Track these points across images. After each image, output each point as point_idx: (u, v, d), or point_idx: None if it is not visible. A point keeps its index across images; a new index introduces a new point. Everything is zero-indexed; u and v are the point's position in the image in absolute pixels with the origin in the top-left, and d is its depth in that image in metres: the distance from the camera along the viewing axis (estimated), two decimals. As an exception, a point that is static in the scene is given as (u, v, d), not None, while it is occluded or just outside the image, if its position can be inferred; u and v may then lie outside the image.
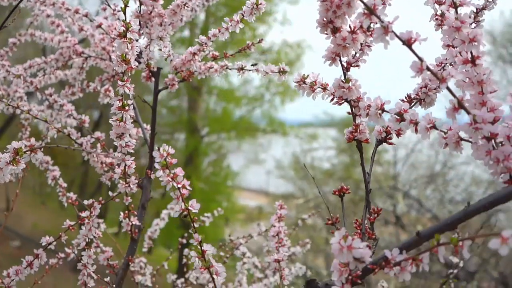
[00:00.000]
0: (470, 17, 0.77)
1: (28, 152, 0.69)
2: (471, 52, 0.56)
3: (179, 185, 0.65)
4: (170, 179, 0.65)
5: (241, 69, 0.99)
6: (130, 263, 1.03)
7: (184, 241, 1.53)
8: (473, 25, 0.76)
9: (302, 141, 11.28)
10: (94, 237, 1.01)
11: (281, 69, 0.89)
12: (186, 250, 1.23)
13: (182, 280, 1.43)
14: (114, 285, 0.98)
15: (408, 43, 0.53)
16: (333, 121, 10.91)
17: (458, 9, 0.58)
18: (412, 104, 0.72)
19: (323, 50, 0.63)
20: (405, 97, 0.72)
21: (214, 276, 0.68)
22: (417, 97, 0.72)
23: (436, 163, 7.84)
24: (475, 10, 0.76)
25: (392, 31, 0.52)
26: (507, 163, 0.52)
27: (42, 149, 0.73)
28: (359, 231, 0.67)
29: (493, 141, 0.55)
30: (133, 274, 1.35)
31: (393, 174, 6.54)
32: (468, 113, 0.53)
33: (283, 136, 11.29)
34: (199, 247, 0.68)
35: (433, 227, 0.54)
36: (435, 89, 0.71)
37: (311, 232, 7.48)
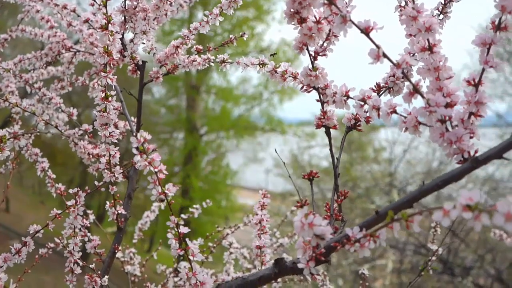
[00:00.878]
0: (437, 8, 0.80)
1: (12, 139, 0.72)
2: (428, 40, 0.59)
3: (156, 170, 0.68)
4: (147, 164, 0.68)
5: (222, 62, 1.02)
6: (116, 251, 1.06)
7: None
8: (441, 16, 0.79)
9: (301, 140, 11.33)
10: (82, 225, 1.05)
11: (261, 62, 0.92)
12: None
13: (171, 269, 1.46)
14: (100, 272, 1.01)
15: (366, 31, 0.56)
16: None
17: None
18: (381, 92, 0.75)
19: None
20: (374, 86, 0.75)
21: (190, 257, 0.71)
22: (386, 85, 0.75)
23: (434, 160, 7.87)
24: (443, 2, 0.79)
25: (350, 20, 0.55)
26: (459, 144, 0.55)
27: (27, 137, 0.76)
28: (328, 213, 0.70)
29: (449, 124, 0.58)
30: (123, 264, 1.38)
31: (389, 171, 6.59)
32: (423, 97, 0.56)
33: (281, 134, 11.33)
34: (176, 230, 0.71)
35: (390, 205, 0.57)
36: (402, 77, 0.74)
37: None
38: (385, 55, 0.56)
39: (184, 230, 0.71)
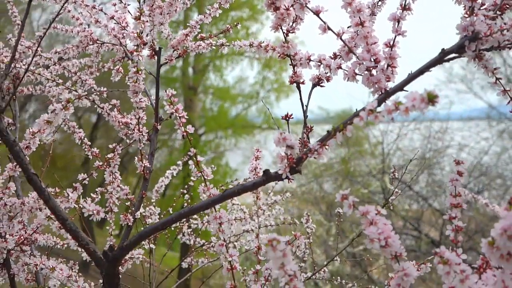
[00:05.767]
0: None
1: (77, 100, 1.01)
2: (360, 18, 0.89)
3: (180, 115, 0.98)
4: (174, 111, 0.98)
5: (222, 45, 1.32)
6: (143, 195, 1.35)
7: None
8: (380, 2, 1.09)
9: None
10: (115, 177, 1.34)
11: (251, 43, 1.22)
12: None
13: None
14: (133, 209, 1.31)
15: (317, 13, 0.85)
16: (328, 117, 11.26)
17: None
18: (337, 58, 1.04)
19: (315, 46, 0.95)
20: (333, 54, 1.05)
21: (205, 177, 1.00)
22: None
23: (427, 150, 8.21)
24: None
25: (306, 6, 0.85)
26: (379, 84, 0.85)
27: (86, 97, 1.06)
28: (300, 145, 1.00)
29: (375, 72, 0.88)
30: (145, 219, 1.68)
31: (382, 158, 6.92)
32: (354, 54, 0.86)
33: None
34: (195, 158, 1.01)
35: (336, 126, 0.86)
36: (353, 47, 1.03)
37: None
38: (329, 28, 0.86)
39: (200, 158, 1.01)
